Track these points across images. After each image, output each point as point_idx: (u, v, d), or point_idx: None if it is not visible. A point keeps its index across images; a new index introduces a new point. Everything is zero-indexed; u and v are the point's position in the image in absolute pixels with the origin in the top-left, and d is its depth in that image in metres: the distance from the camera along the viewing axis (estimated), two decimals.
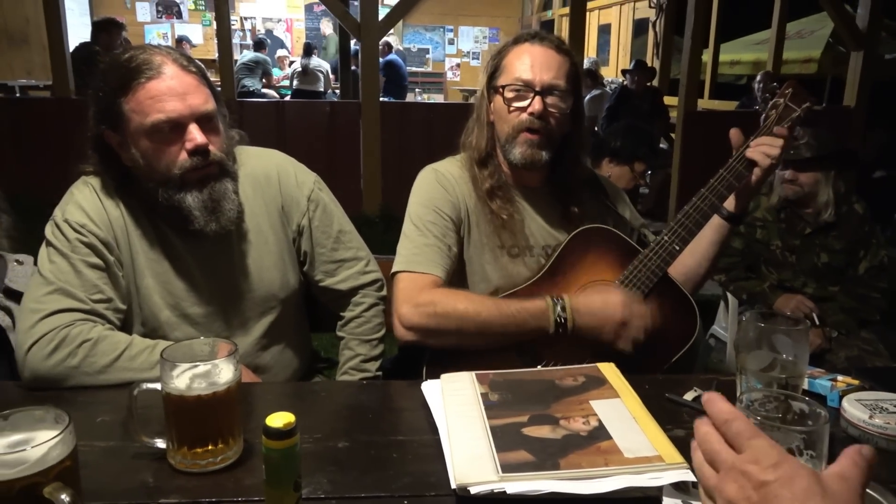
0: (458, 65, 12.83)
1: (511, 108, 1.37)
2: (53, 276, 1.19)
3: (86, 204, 1.25)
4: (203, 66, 1.26)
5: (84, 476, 0.77)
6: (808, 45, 8.16)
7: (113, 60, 1.22)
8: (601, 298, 1.27)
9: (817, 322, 2.28)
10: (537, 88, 1.34)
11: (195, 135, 1.18)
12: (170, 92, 1.16)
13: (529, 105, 1.35)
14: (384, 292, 1.48)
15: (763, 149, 1.28)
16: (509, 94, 1.36)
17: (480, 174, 1.42)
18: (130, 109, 1.17)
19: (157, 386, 0.89)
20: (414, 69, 11.96)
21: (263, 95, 8.64)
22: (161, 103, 1.16)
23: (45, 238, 1.24)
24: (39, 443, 0.70)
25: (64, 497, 0.68)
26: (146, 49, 1.20)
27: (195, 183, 1.22)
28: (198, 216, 1.22)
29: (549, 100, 1.35)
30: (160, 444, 0.91)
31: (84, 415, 1.03)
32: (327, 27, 10.38)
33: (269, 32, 11.29)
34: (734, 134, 1.34)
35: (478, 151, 1.43)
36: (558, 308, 1.26)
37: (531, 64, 1.35)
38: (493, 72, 1.41)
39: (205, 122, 1.21)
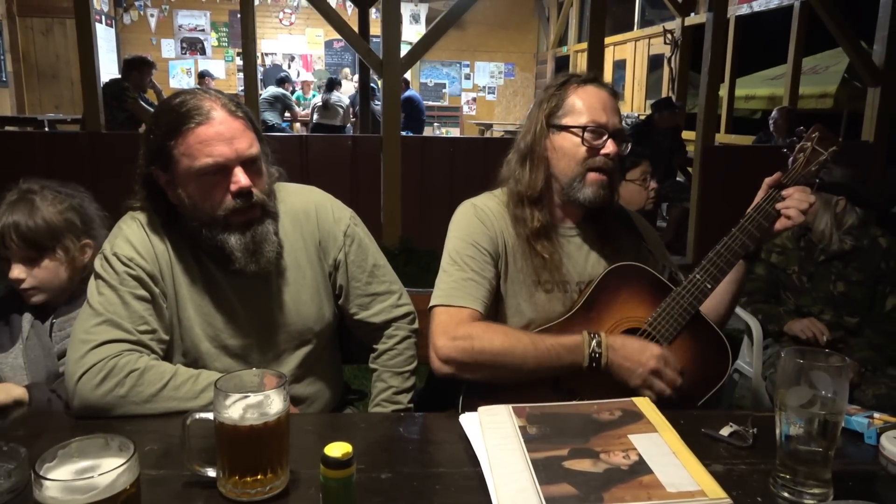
0: (474, 99, 13.01)
1: (588, 148, 1.39)
2: (102, 308, 1.23)
3: (133, 238, 1.29)
4: (249, 110, 1.31)
5: None
6: (824, 80, 8.21)
7: (164, 104, 1.28)
8: (640, 344, 1.30)
9: (823, 342, 2.28)
10: (610, 131, 1.39)
11: (240, 177, 1.23)
12: (218, 137, 1.21)
13: (603, 146, 1.38)
14: (416, 325, 1.50)
15: (795, 203, 1.29)
16: (588, 135, 1.39)
17: (530, 213, 1.43)
18: (180, 153, 1.22)
19: (209, 416, 0.92)
20: (431, 103, 12.15)
21: (284, 130, 8.80)
22: (210, 147, 1.20)
23: (94, 271, 1.29)
24: (106, 470, 0.73)
25: None
26: (196, 94, 1.25)
27: (238, 226, 1.26)
28: (239, 257, 1.27)
29: (616, 143, 1.40)
30: (211, 472, 0.93)
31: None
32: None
33: (276, 67, 11.51)
34: (770, 181, 1.34)
35: (532, 189, 1.43)
36: (594, 343, 1.28)
37: (602, 106, 1.40)
38: (554, 109, 1.42)
39: (249, 164, 1.25)
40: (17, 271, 1.40)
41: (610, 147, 1.38)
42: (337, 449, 0.76)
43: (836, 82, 7.87)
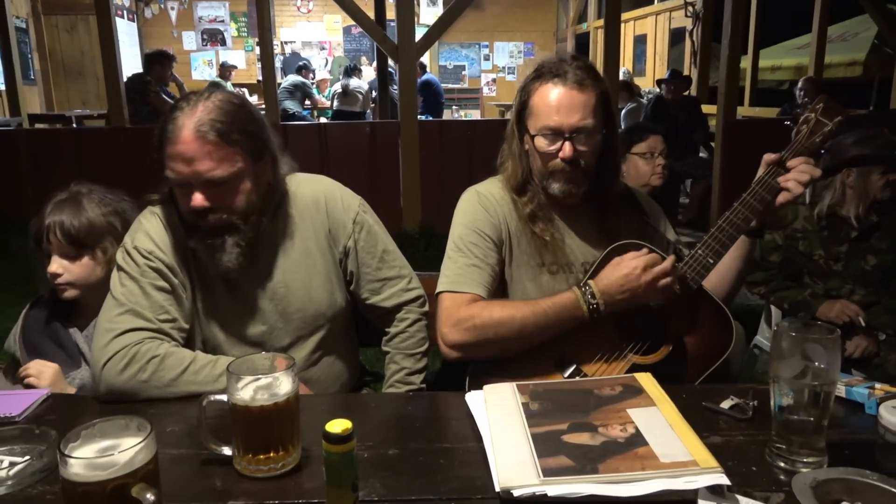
0: (493, 80, 12.93)
1: (542, 154, 1.40)
2: (125, 298, 1.29)
3: (153, 232, 1.35)
4: (235, 125, 1.26)
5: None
6: (853, 47, 8.00)
7: (169, 107, 1.33)
8: (619, 271, 1.31)
9: (863, 324, 2.24)
10: (566, 134, 1.36)
11: (195, 197, 1.26)
12: (178, 156, 1.24)
13: (560, 150, 1.37)
14: (427, 308, 1.54)
15: (795, 175, 1.28)
16: (539, 142, 1.39)
17: (520, 200, 1.46)
18: (165, 157, 1.28)
19: (224, 397, 0.97)
20: (450, 86, 12.11)
21: (304, 118, 8.87)
22: (172, 163, 1.26)
23: (116, 264, 1.35)
24: (126, 448, 0.79)
25: (149, 496, 0.76)
26: (185, 107, 1.26)
27: (200, 230, 1.31)
28: (200, 257, 1.33)
29: (579, 141, 1.37)
30: (227, 451, 0.99)
31: (155, 425, 1.12)
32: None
33: (295, 55, 11.55)
34: (768, 158, 1.33)
35: (514, 180, 1.47)
36: (587, 295, 1.31)
37: (556, 108, 1.36)
38: (521, 109, 1.43)
39: (215, 184, 1.26)
40: (56, 265, 1.46)
41: (566, 150, 1.37)
42: (338, 425, 0.81)
43: (866, 49, 7.66)
